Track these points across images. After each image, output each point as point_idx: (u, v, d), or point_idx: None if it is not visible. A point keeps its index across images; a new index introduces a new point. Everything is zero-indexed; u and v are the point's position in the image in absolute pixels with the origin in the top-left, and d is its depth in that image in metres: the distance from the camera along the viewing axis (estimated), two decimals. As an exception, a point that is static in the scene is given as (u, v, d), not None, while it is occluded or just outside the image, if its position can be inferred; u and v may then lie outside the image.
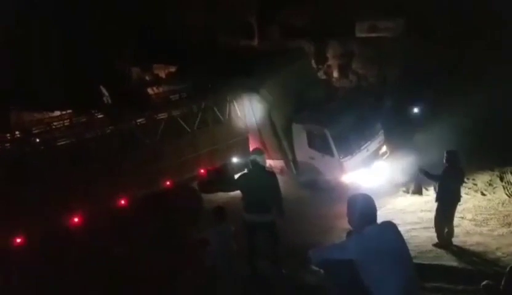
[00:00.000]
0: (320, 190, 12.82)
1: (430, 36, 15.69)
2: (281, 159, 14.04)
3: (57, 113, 14.12)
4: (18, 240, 9.12)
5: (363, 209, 3.36)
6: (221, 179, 13.05)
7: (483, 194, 10.59)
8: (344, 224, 3.76)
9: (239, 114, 14.00)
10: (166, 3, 19.58)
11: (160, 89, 17.27)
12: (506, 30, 13.65)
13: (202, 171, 12.95)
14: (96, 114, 12.71)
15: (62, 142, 10.40)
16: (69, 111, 13.73)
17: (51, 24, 16.40)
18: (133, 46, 18.36)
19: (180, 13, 19.76)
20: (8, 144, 10.55)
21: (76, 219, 9.98)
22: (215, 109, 13.30)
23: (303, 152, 13.31)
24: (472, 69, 14.12)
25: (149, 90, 16.90)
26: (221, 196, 12.65)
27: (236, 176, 7.48)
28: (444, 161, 7.47)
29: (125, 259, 9.17)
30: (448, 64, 14.76)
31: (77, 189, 9.92)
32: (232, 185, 8.49)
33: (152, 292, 7.98)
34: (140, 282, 8.16)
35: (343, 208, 3.51)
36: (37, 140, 10.74)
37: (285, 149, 13.76)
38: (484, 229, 8.49)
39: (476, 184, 11.07)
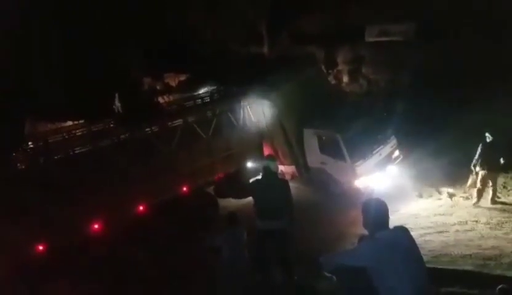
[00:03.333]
0: (332, 195, 12.76)
1: (442, 39, 15.58)
2: (292, 165, 14.05)
3: (69, 123, 14.30)
4: (41, 248, 9.24)
5: (376, 214, 3.39)
6: (235, 184, 13.11)
7: (498, 197, 10.50)
8: (357, 230, 3.80)
9: (253, 119, 14.08)
10: (166, 3, 19.71)
11: (171, 97, 17.44)
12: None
13: (218, 176, 13.10)
14: (111, 123, 12.86)
15: (79, 151, 10.52)
16: (81, 121, 13.90)
17: (51, 24, 16.47)
18: (133, 46, 18.43)
19: (180, 13, 19.92)
20: (26, 154, 10.71)
21: (96, 226, 10.15)
22: (230, 115, 13.40)
23: (315, 157, 13.28)
24: (486, 72, 13.99)
25: (160, 99, 17.05)
26: (235, 201, 12.73)
27: (249, 181, 7.54)
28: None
29: (144, 263, 9.40)
30: (461, 68, 14.62)
31: (96, 197, 10.01)
32: (245, 191, 8.54)
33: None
34: (157, 284, 8.29)
35: (355, 214, 3.57)
36: (53, 149, 10.90)
37: (296, 154, 13.75)
38: (499, 232, 8.44)
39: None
